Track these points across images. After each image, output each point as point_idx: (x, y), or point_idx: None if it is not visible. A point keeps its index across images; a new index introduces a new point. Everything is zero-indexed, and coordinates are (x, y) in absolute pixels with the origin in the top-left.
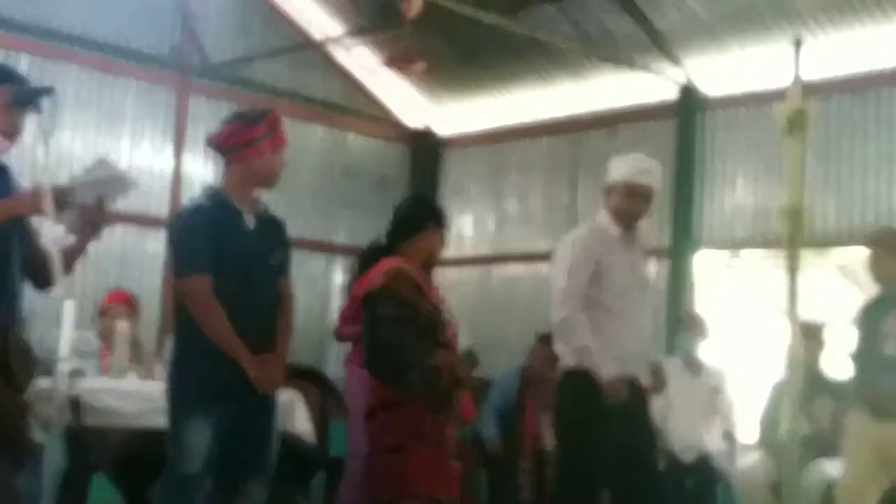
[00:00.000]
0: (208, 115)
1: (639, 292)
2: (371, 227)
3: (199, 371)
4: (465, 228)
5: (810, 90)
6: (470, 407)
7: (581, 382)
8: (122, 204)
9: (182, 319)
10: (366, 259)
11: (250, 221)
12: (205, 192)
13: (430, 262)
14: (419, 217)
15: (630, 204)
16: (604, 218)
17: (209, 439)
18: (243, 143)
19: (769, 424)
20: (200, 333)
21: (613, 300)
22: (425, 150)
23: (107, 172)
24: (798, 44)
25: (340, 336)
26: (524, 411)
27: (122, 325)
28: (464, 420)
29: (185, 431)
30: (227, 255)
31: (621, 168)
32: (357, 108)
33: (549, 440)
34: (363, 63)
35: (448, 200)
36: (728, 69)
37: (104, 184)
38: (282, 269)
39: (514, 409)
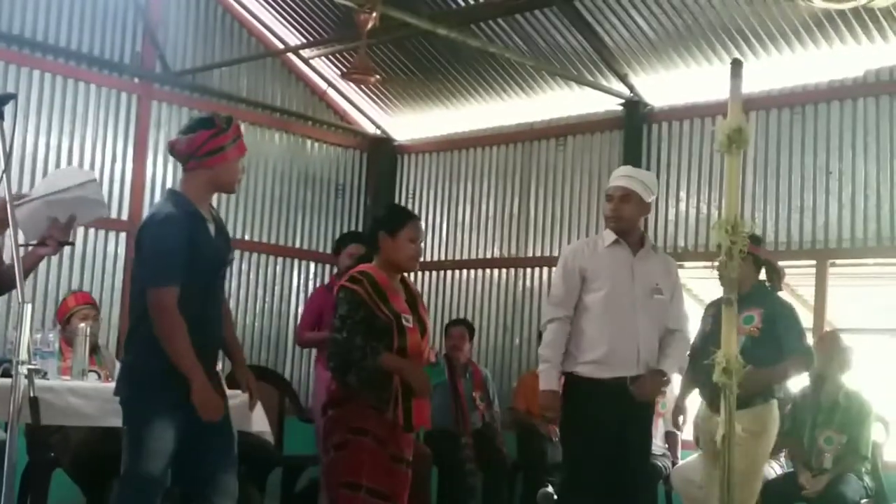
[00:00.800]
0: (169, 121)
1: (638, 297)
2: (328, 232)
3: (162, 372)
4: None
5: (750, 104)
6: (423, 415)
7: (574, 387)
8: None
9: (142, 321)
10: (338, 242)
11: (212, 228)
12: (170, 199)
13: (400, 267)
14: (390, 223)
15: (607, 207)
16: (604, 230)
17: (172, 440)
18: (214, 149)
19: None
20: (157, 341)
21: (603, 305)
22: (382, 156)
23: (87, 194)
24: (736, 64)
25: (301, 343)
26: (457, 392)
27: (83, 327)
28: (415, 427)
29: (147, 433)
30: (195, 264)
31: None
32: (315, 116)
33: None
34: (322, 72)
35: (403, 205)
36: (672, 83)
37: (80, 203)
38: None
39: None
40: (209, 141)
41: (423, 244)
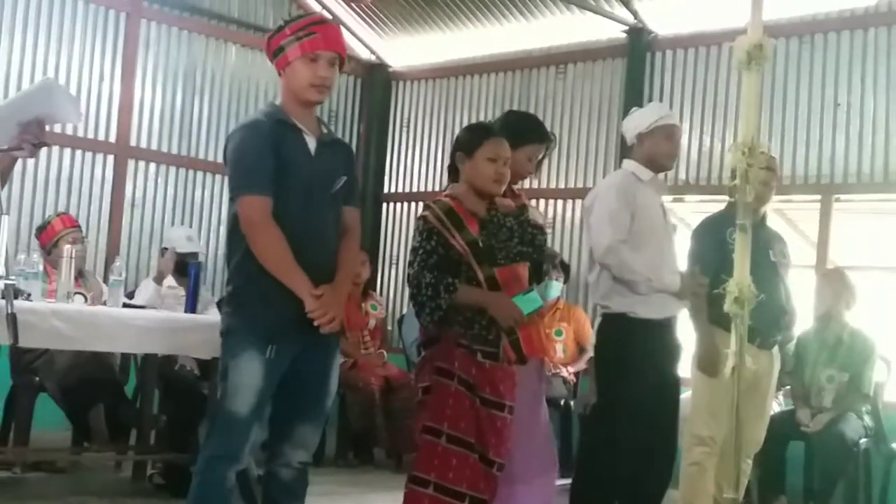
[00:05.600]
0: (158, 41)
1: (669, 234)
2: None
3: (252, 303)
4: (415, 163)
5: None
6: (536, 343)
7: (626, 326)
8: (69, 128)
9: (235, 246)
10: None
11: (311, 143)
12: (264, 108)
13: (482, 191)
14: (467, 143)
15: (670, 146)
16: (632, 165)
17: (260, 378)
18: (272, 52)
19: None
20: (255, 262)
21: (650, 244)
22: (376, 82)
23: (53, 94)
24: None
25: None
26: None
27: (68, 249)
28: (529, 358)
29: (234, 369)
30: (284, 177)
31: (652, 115)
32: None
33: None
34: None
35: (397, 134)
36: (677, 10)
37: (49, 104)
38: (346, 197)
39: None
40: (270, 42)
41: (507, 166)
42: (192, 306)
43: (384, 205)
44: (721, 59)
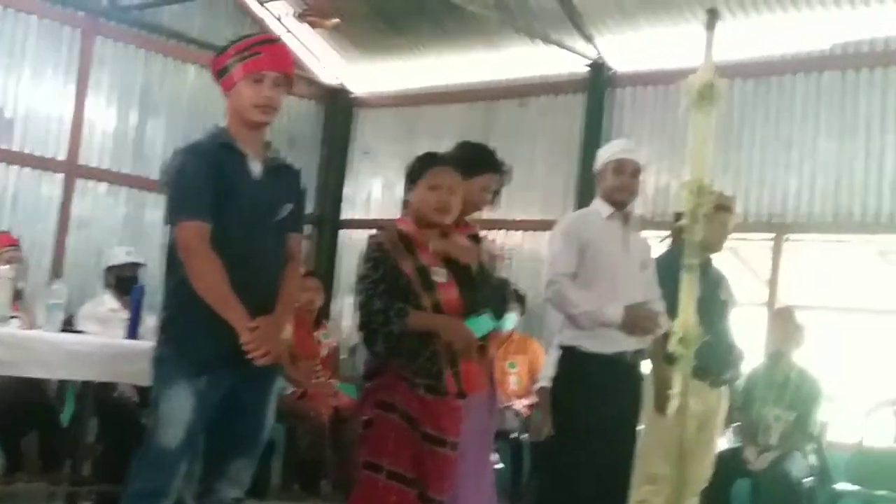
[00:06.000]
0: (114, 59)
1: (632, 268)
2: None
3: (186, 332)
4: (374, 190)
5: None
6: (476, 379)
7: (574, 360)
8: (17, 145)
9: (171, 272)
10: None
11: (256, 168)
12: (208, 130)
13: (422, 219)
14: (411, 172)
15: (619, 180)
16: (597, 202)
17: (192, 411)
18: (217, 73)
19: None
20: (191, 290)
21: (602, 279)
22: (338, 108)
23: None
24: (712, 14)
25: None
26: None
27: (5, 269)
28: (467, 394)
29: (165, 399)
30: (225, 203)
31: (607, 151)
32: None
33: None
34: (278, 15)
35: (357, 161)
36: (638, 47)
37: None
38: (292, 224)
39: None
40: (215, 62)
41: (453, 195)
42: (133, 332)
43: (341, 232)
44: (680, 97)
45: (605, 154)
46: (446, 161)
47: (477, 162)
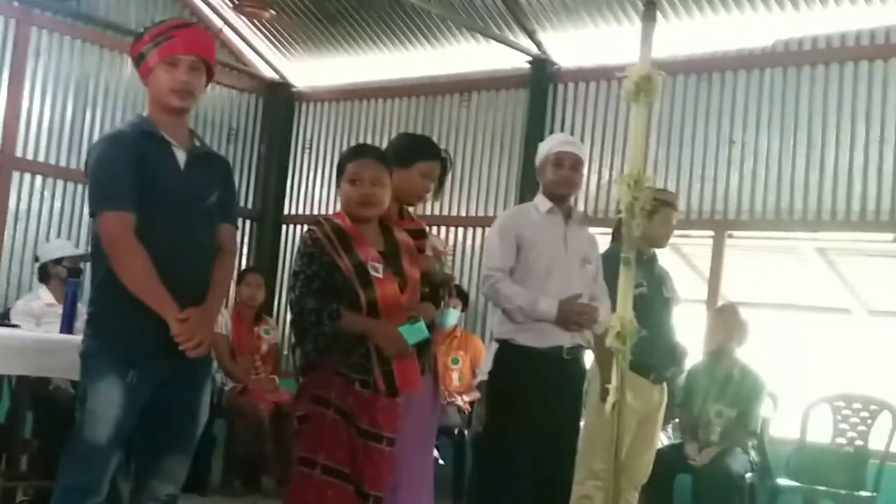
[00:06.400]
0: (49, 50)
1: (572, 264)
2: None
3: (114, 326)
4: (316, 185)
5: (657, 68)
6: (410, 377)
7: (509, 354)
8: None
9: (97, 265)
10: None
11: (181, 156)
12: (130, 119)
13: (351, 215)
14: (340, 164)
15: (558, 173)
16: (537, 197)
17: (121, 406)
18: (136, 60)
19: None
20: (117, 282)
21: (539, 273)
22: (279, 102)
23: None
24: (649, 6)
25: None
26: None
27: None
28: (400, 392)
29: (92, 395)
30: (149, 192)
31: (547, 144)
32: None
33: None
34: (217, 8)
35: (299, 155)
36: (581, 43)
37: None
38: (222, 214)
39: None
40: (132, 50)
41: (377, 187)
42: (69, 326)
43: (284, 227)
44: (622, 93)
45: (545, 148)
46: (375, 153)
47: (413, 150)
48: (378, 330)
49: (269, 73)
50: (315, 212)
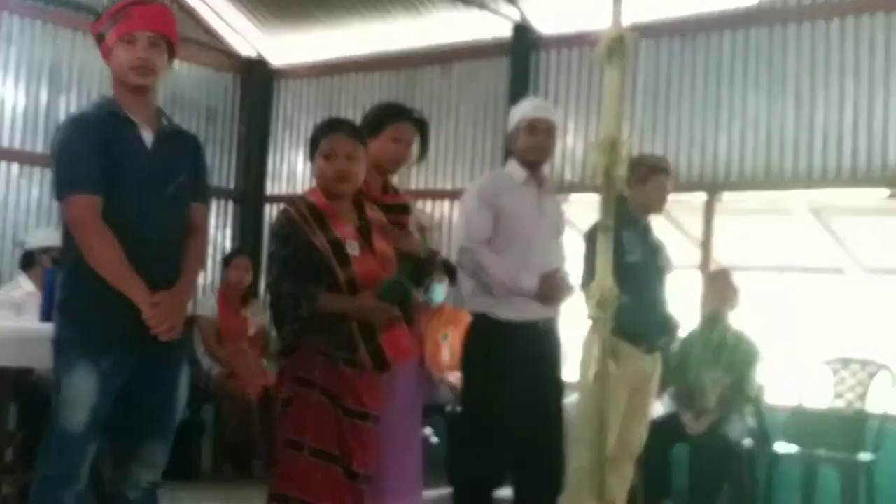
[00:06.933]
0: (21, 35)
1: (547, 233)
2: None
3: (85, 312)
4: (298, 164)
5: (641, 32)
6: (401, 346)
7: (488, 327)
8: None
9: (67, 250)
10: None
11: (147, 136)
12: (95, 100)
13: (326, 190)
14: (312, 140)
15: (532, 140)
16: (510, 165)
17: (96, 393)
18: (97, 40)
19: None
20: (87, 267)
21: (517, 245)
22: (256, 80)
23: None
24: None
25: None
26: None
27: None
28: (392, 365)
29: (66, 383)
30: (116, 174)
31: (520, 110)
32: (185, 35)
33: None
34: None
35: (280, 133)
36: (563, 9)
37: None
38: (194, 193)
39: None
40: (92, 30)
41: (353, 161)
42: (48, 314)
43: (266, 206)
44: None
45: (518, 114)
46: (348, 128)
47: (380, 116)
48: (357, 306)
49: (246, 50)
50: (298, 190)
